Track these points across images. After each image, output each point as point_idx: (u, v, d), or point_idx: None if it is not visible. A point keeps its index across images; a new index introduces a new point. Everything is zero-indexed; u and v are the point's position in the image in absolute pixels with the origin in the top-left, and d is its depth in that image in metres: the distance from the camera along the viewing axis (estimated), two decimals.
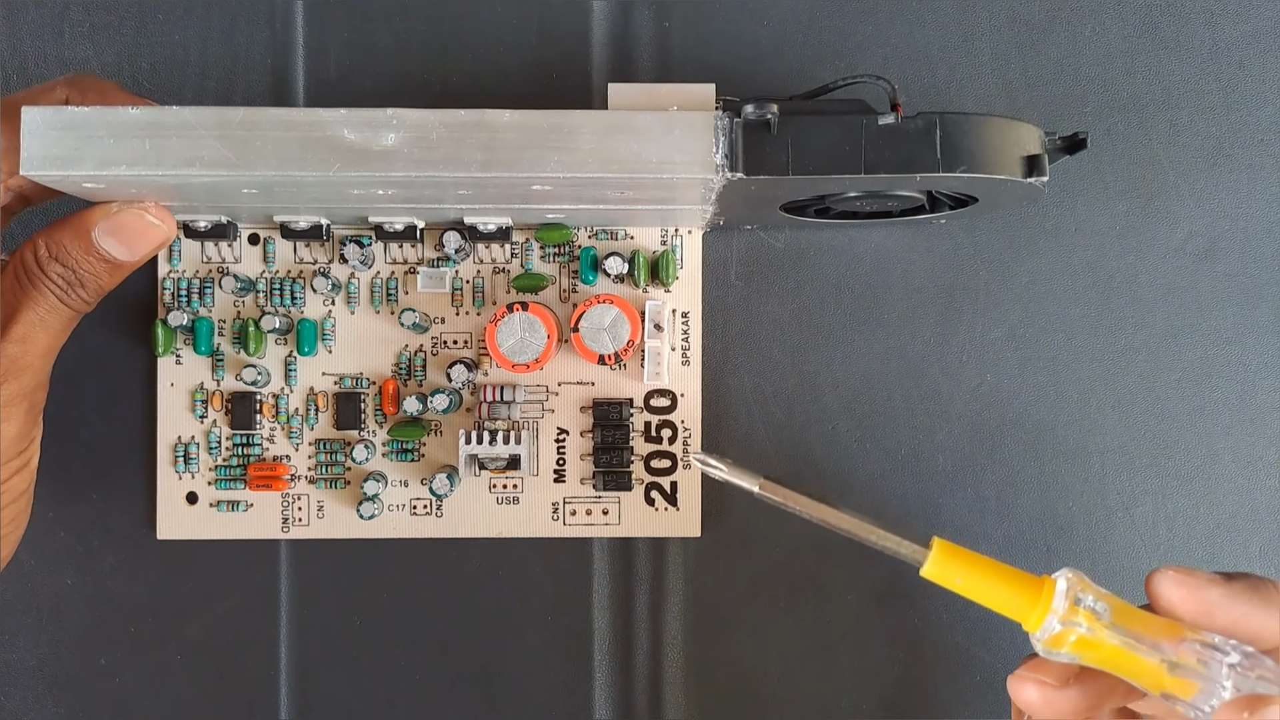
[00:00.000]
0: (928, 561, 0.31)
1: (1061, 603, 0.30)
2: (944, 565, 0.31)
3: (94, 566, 0.44)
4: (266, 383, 0.43)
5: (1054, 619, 0.30)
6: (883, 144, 0.35)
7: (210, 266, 0.43)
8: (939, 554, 0.31)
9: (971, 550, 0.32)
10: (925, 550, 0.32)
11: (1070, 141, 0.38)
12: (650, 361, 0.43)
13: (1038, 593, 0.30)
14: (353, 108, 0.35)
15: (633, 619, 0.44)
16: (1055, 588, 0.30)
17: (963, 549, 0.32)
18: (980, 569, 0.31)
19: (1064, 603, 0.30)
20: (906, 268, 0.45)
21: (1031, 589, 0.30)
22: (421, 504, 0.44)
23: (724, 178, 0.35)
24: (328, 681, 0.44)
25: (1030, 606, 0.30)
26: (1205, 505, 0.44)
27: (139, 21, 0.44)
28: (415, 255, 0.43)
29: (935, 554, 0.31)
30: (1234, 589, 0.30)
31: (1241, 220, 0.45)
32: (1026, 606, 0.30)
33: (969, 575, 0.31)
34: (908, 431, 0.45)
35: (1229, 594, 0.29)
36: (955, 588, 0.31)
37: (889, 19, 0.45)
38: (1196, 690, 0.29)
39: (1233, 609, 0.29)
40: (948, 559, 0.31)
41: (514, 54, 0.45)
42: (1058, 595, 0.30)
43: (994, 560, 0.31)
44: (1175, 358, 0.44)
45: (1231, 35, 0.45)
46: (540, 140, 0.35)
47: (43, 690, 0.44)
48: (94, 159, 0.34)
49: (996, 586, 0.31)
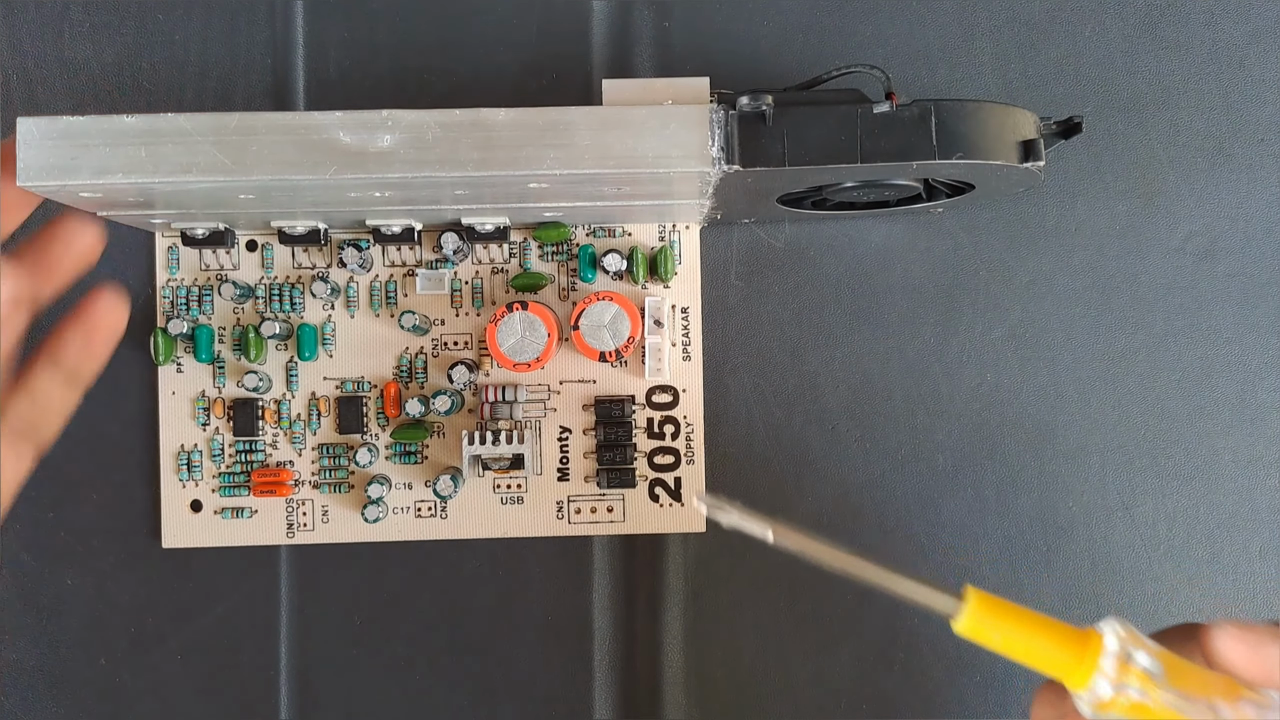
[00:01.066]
0: (962, 616, 0.28)
1: (1111, 663, 0.27)
2: (980, 620, 0.28)
3: (94, 567, 0.44)
4: (268, 389, 0.43)
5: (1104, 680, 0.27)
6: (878, 133, 0.35)
7: (209, 274, 0.43)
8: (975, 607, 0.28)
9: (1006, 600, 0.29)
10: (958, 601, 0.28)
11: (1066, 126, 0.38)
12: (651, 357, 0.43)
13: (1083, 649, 0.28)
14: (351, 108, 0.35)
15: (633, 619, 0.44)
16: (1103, 644, 0.28)
17: (998, 599, 0.28)
18: (1019, 623, 0.28)
19: (1114, 663, 0.27)
20: (906, 267, 0.45)
21: (1076, 645, 0.28)
22: (426, 506, 0.44)
23: (720, 171, 0.35)
24: (328, 682, 0.44)
25: (1075, 664, 0.28)
26: (1205, 505, 0.44)
27: (139, 21, 0.44)
28: (413, 257, 0.43)
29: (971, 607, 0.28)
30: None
31: (1241, 220, 0.44)
32: (1071, 664, 0.28)
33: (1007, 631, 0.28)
34: (908, 431, 0.44)
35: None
36: (990, 644, 0.28)
37: (889, 19, 0.45)
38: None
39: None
40: (984, 613, 0.28)
41: (514, 54, 0.45)
42: (1106, 655, 0.28)
43: (1032, 611, 0.28)
44: (1175, 358, 0.44)
45: (1231, 35, 0.45)
46: (536, 138, 0.35)
47: (43, 690, 0.44)
48: (90, 168, 0.34)
49: (1038, 643, 0.28)
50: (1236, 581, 0.44)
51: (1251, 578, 0.44)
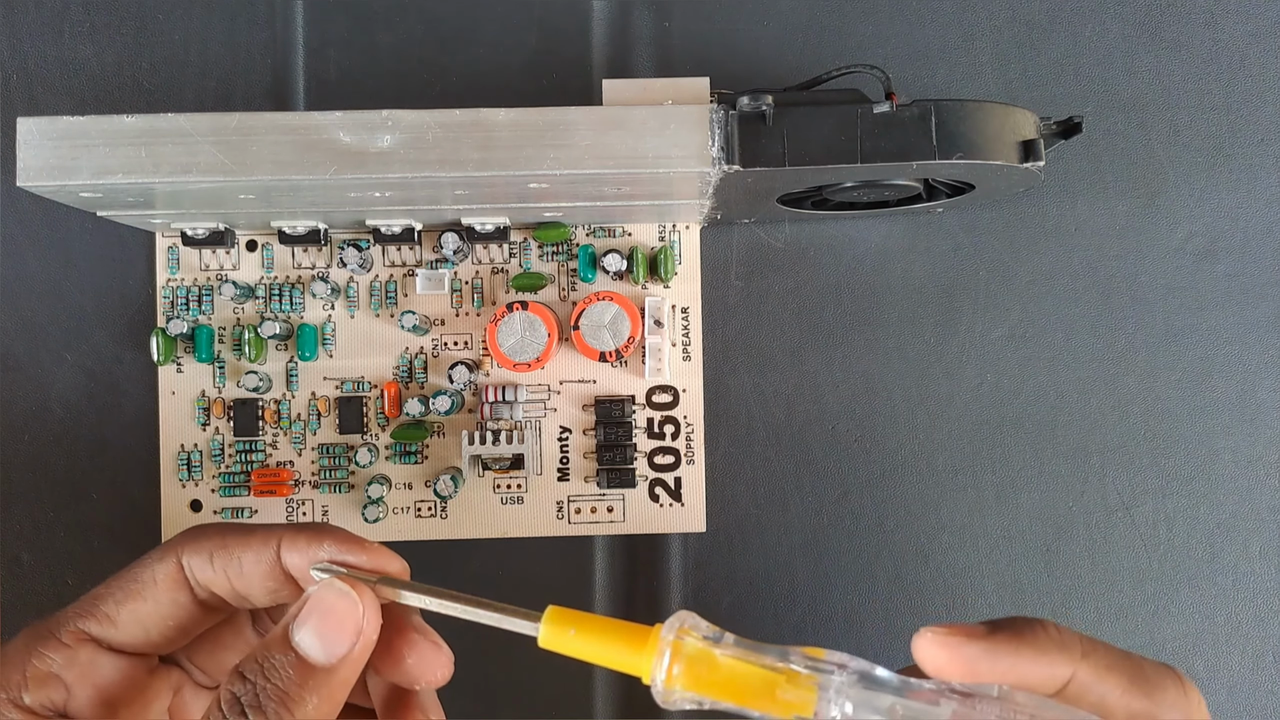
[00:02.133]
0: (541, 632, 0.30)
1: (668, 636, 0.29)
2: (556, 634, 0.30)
3: (94, 567, 0.44)
4: (268, 389, 0.43)
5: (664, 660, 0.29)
6: (878, 133, 0.35)
7: (209, 274, 0.43)
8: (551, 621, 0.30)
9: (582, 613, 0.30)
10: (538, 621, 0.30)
11: (1066, 126, 0.38)
12: (651, 357, 0.43)
13: (644, 640, 0.29)
14: (351, 108, 0.35)
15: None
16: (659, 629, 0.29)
17: (577, 613, 0.30)
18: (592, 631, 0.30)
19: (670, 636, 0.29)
20: (906, 267, 0.45)
21: (640, 637, 0.29)
22: (426, 506, 0.44)
23: (720, 171, 0.35)
24: None
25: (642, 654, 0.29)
26: (1205, 505, 0.44)
27: (139, 21, 0.44)
28: (413, 257, 0.43)
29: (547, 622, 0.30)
30: (996, 643, 0.28)
31: (1241, 220, 0.44)
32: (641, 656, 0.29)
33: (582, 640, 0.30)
34: (908, 431, 0.44)
35: (991, 649, 0.28)
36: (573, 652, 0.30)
37: (889, 19, 0.45)
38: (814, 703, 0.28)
39: (998, 663, 0.28)
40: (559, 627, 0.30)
41: (514, 54, 0.45)
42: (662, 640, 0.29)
43: (608, 620, 0.30)
44: (1175, 358, 0.44)
45: (1231, 35, 0.45)
46: (536, 138, 0.35)
47: None
48: (90, 168, 0.34)
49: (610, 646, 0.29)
50: (1236, 581, 0.44)
51: (1251, 578, 0.44)
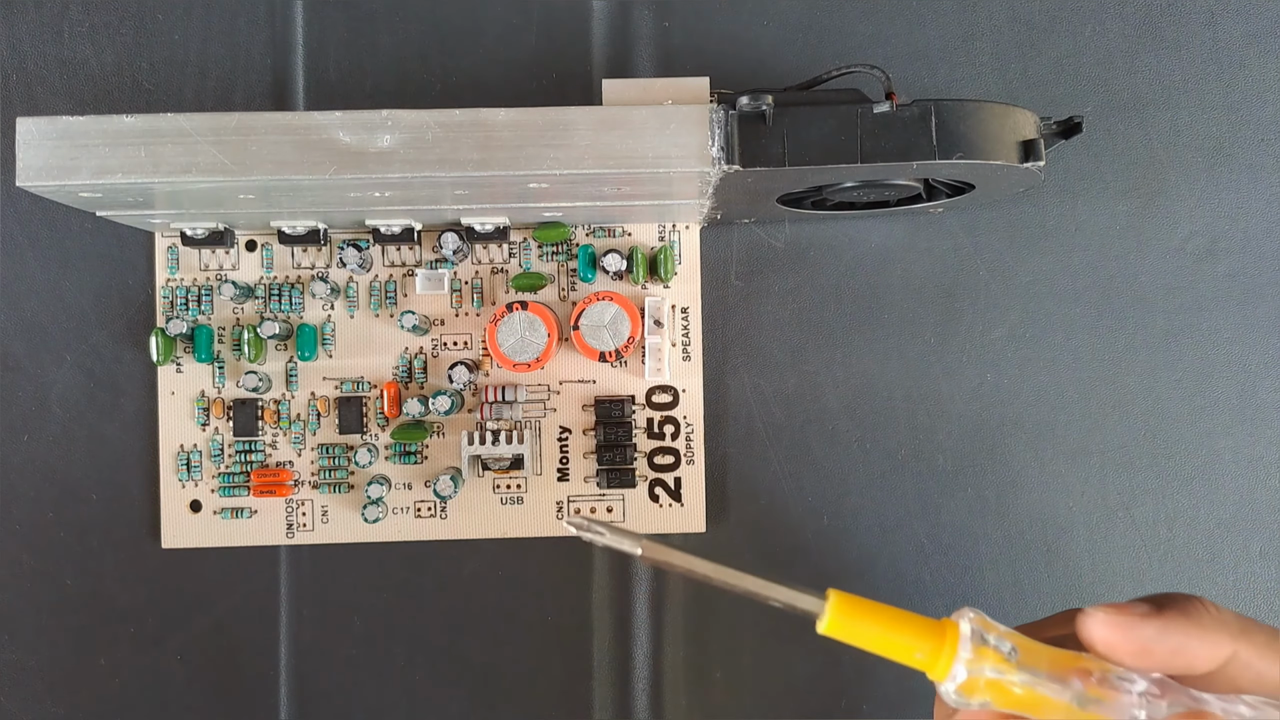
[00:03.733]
0: (825, 617, 0.29)
1: (967, 648, 0.28)
2: (842, 620, 0.29)
3: (94, 567, 0.44)
4: (268, 389, 0.43)
5: (961, 666, 0.28)
6: (878, 133, 0.35)
7: (209, 274, 0.43)
8: (837, 607, 0.29)
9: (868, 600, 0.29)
10: (821, 603, 0.29)
11: (1066, 126, 0.38)
12: (651, 357, 0.43)
13: (940, 639, 0.28)
14: (351, 108, 0.35)
15: (632, 619, 0.44)
16: (959, 631, 0.28)
17: (860, 599, 0.29)
18: (879, 619, 0.29)
19: (969, 647, 0.28)
20: (906, 268, 0.45)
21: (934, 636, 0.28)
22: (426, 506, 0.44)
23: (720, 171, 0.35)
24: (328, 681, 0.44)
25: (934, 655, 0.28)
26: (1205, 505, 0.44)
27: (139, 21, 0.44)
28: (413, 257, 0.43)
29: (832, 607, 0.29)
30: (1167, 622, 0.28)
31: (1241, 220, 0.44)
32: (931, 655, 0.28)
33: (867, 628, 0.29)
34: (908, 431, 0.44)
35: (1164, 629, 0.28)
36: (855, 642, 0.29)
37: (889, 18, 0.45)
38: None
39: (1168, 642, 0.28)
40: (845, 613, 0.29)
41: (514, 54, 0.45)
42: (962, 640, 0.28)
43: (893, 608, 0.29)
44: (1175, 358, 0.44)
45: (1232, 35, 0.45)
46: (536, 138, 0.35)
47: (43, 690, 0.44)
48: (90, 168, 0.34)
49: (898, 637, 0.29)
50: (1236, 582, 0.44)
51: (1251, 578, 0.44)
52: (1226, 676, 0.29)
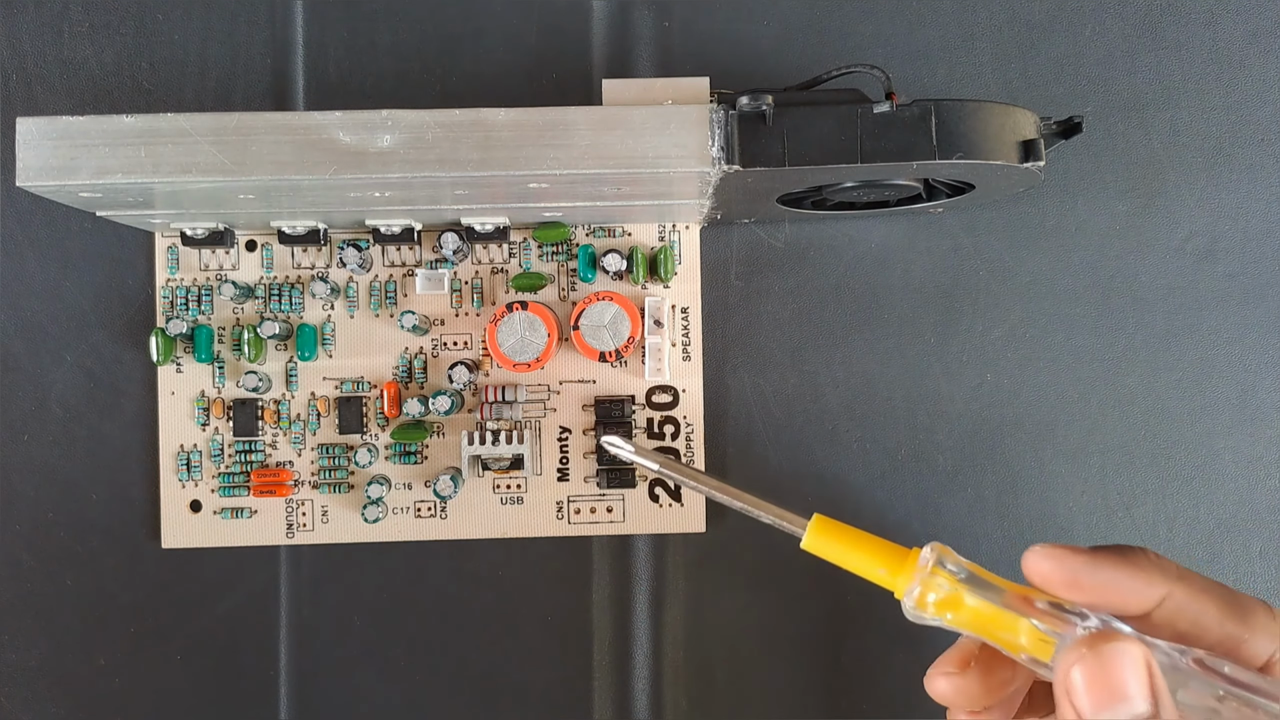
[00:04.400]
0: (806, 534, 0.33)
1: (926, 564, 0.31)
2: (821, 538, 0.33)
3: (94, 567, 0.44)
4: (268, 389, 0.43)
5: (917, 583, 0.31)
6: (878, 133, 0.35)
7: (208, 274, 0.43)
8: (816, 527, 0.33)
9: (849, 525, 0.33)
10: (805, 524, 0.33)
11: (1066, 126, 0.38)
12: (651, 357, 0.43)
13: (903, 560, 0.32)
14: (351, 108, 0.35)
15: (632, 619, 0.44)
16: (919, 554, 0.31)
17: (841, 525, 0.33)
18: (855, 542, 0.33)
19: (928, 566, 0.31)
20: (906, 268, 0.45)
21: (898, 557, 0.32)
22: (426, 506, 0.44)
23: (720, 171, 0.35)
24: (328, 682, 0.44)
25: (897, 574, 0.31)
26: (1205, 505, 0.44)
27: (139, 21, 0.44)
28: (413, 257, 0.43)
29: (813, 527, 0.33)
30: (1100, 558, 0.30)
31: (1241, 220, 0.44)
32: (894, 574, 0.32)
33: (844, 547, 0.33)
34: (908, 431, 0.44)
35: (1094, 562, 0.30)
36: (832, 558, 0.33)
37: (889, 18, 0.45)
38: (1054, 651, 0.29)
39: (1097, 575, 0.30)
40: (825, 533, 0.33)
41: (514, 54, 0.45)
42: (921, 559, 0.31)
43: (869, 534, 0.33)
44: (1175, 358, 0.44)
45: (1232, 35, 0.45)
46: (536, 138, 0.35)
47: (43, 690, 0.44)
48: (90, 168, 0.34)
49: (869, 557, 0.32)
50: (1237, 582, 0.44)
51: (1251, 578, 0.44)
52: (1166, 620, 0.30)
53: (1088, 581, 0.30)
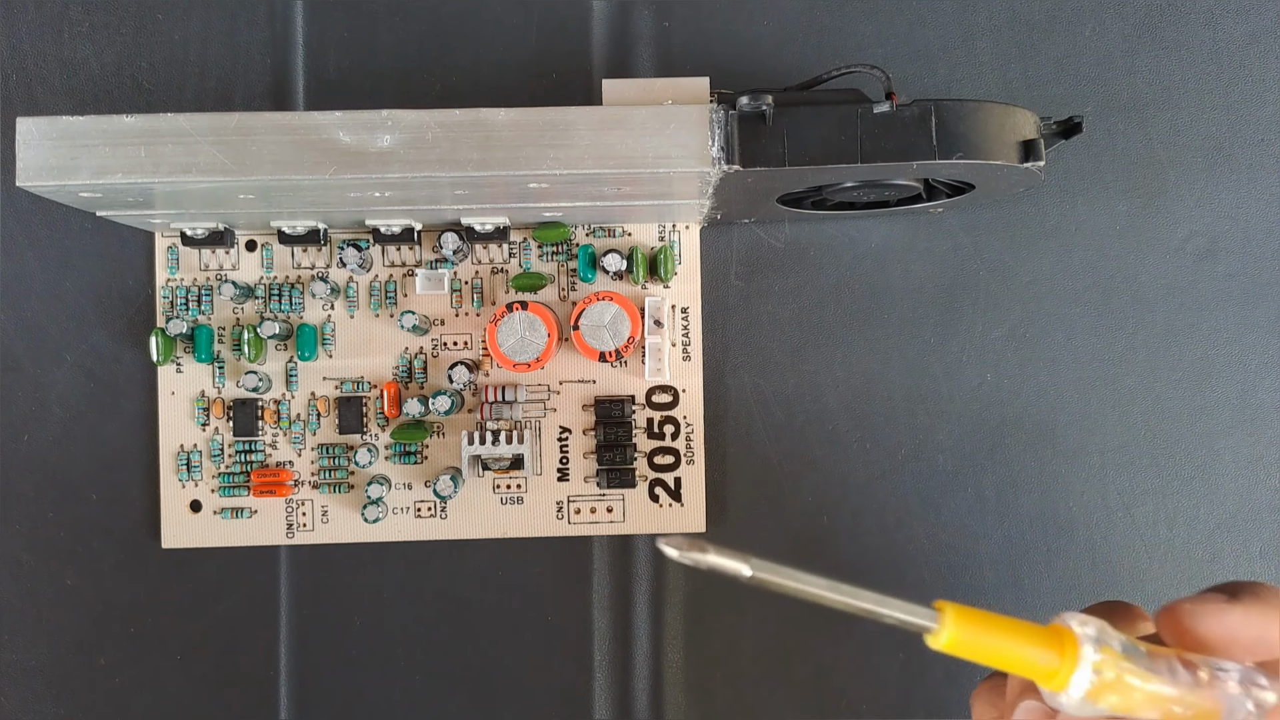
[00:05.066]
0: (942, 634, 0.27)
1: (1091, 649, 0.27)
2: (959, 637, 0.27)
3: (94, 567, 0.44)
4: (268, 389, 0.43)
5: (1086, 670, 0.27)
6: (878, 133, 0.35)
7: (208, 274, 0.43)
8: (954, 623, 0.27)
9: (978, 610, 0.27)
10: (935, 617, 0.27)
11: (1066, 126, 0.38)
12: (651, 357, 0.43)
13: (1060, 647, 0.27)
14: (351, 108, 0.35)
15: (632, 619, 0.44)
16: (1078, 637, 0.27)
17: (972, 611, 0.27)
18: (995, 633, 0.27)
19: (1093, 648, 0.27)
20: (906, 268, 0.45)
21: (1053, 645, 0.27)
22: (425, 506, 0.44)
23: (720, 171, 0.35)
24: (328, 682, 0.44)
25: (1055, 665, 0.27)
26: (1205, 505, 0.44)
27: (139, 21, 0.44)
28: (413, 257, 0.43)
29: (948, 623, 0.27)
30: (1248, 608, 0.28)
31: (1241, 220, 0.44)
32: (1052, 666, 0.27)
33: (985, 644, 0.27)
34: (908, 431, 0.44)
35: (1246, 615, 0.28)
36: (972, 657, 0.27)
37: (889, 18, 0.45)
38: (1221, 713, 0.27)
39: (1251, 629, 0.28)
40: (961, 628, 0.27)
41: (514, 54, 0.45)
42: (1085, 642, 0.27)
43: (1004, 618, 0.27)
44: (1175, 358, 0.44)
45: (1231, 35, 0.45)
46: (536, 138, 0.35)
47: (43, 690, 0.44)
48: (90, 168, 0.34)
49: (1017, 651, 0.27)
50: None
51: (1251, 578, 0.44)
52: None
53: (1243, 636, 0.28)
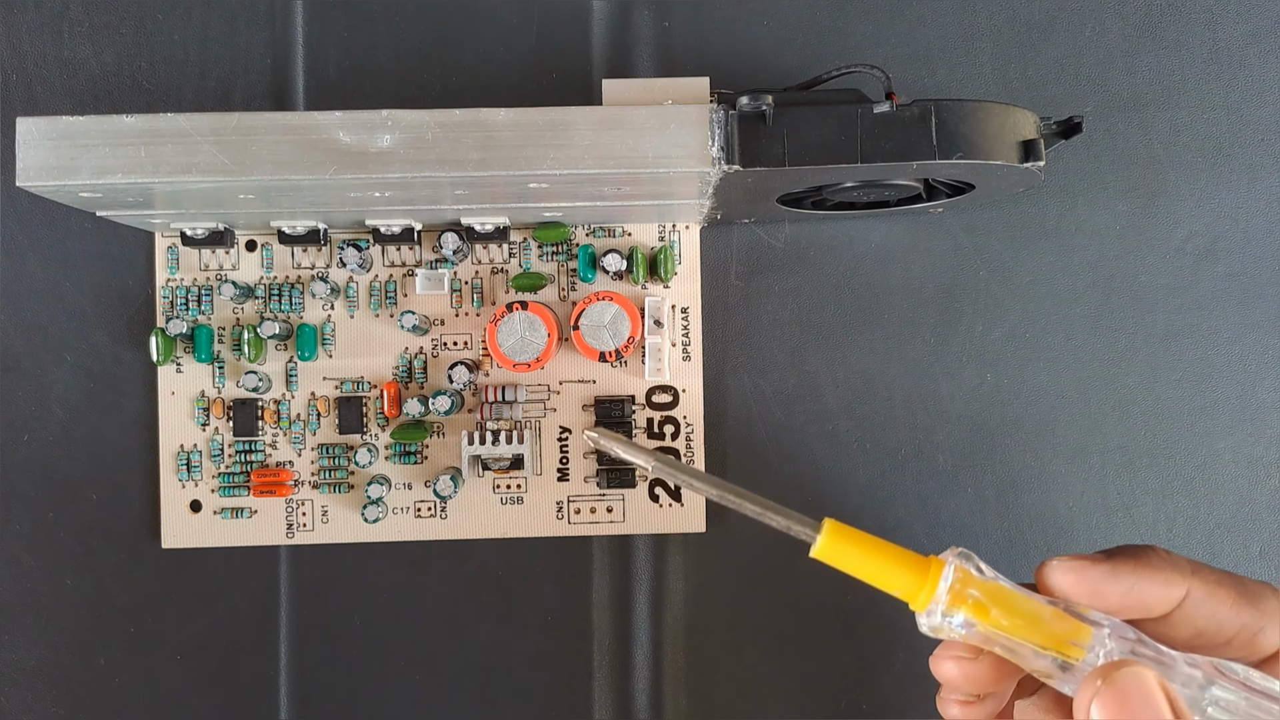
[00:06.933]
0: (819, 542, 0.30)
1: (948, 575, 0.30)
2: (834, 546, 0.30)
3: (94, 567, 0.44)
4: (268, 389, 0.43)
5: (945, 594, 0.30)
6: (878, 133, 0.35)
7: (208, 274, 0.43)
8: (830, 534, 0.30)
9: (861, 530, 0.31)
10: (816, 530, 0.31)
11: (1066, 126, 0.38)
12: (651, 358, 0.43)
13: (924, 573, 0.30)
14: (351, 108, 0.35)
15: (632, 619, 0.44)
16: (943, 569, 0.30)
17: (854, 530, 0.31)
18: (870, 549, 0.30)
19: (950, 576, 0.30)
20: (906, 268, 0.45)
21: (919, 567, 0.30)
22: (425, 506, 0.44)
23: (720, 171, 0.35)
24: (328, 682, 0.44)
25: (920, 585, 0.30)
26: (1205, 505, 0.44)
27: (139, 21, 0.44)
28: (413, 257, 0.43)
29: (826, 533, 0.30)
30: (1118, 565, 0.30)
31: (1241, 220, 0.44)
32: (915, 586, 0.30)
33: (858, 556, 0.30)
34: (908, 431, 0.44)
35: (1114, 570, 0.30)
36: (845, 568, 0.30)
37: (889, 18, 0.45)
38: (1083, 655, 0.29)
39: (1120, 583, 0.30)
40: (838, 540, 0.30)
41: (514, 54, 0.45)
42: (945, 569, 0.30)
43: (882, 540, 0.31)
44: (1175, 358, 0.44)
45: (1231, 35, 0.45)
46: (536, 138, 0.35)
47: (43, 690, 0.44)
48: (90, 168, 0.34)
49: (888, 566, 0.30)
50: None
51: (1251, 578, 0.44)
52: (1185, 618, 0.30)
53: (1111, 591, 0.30)
